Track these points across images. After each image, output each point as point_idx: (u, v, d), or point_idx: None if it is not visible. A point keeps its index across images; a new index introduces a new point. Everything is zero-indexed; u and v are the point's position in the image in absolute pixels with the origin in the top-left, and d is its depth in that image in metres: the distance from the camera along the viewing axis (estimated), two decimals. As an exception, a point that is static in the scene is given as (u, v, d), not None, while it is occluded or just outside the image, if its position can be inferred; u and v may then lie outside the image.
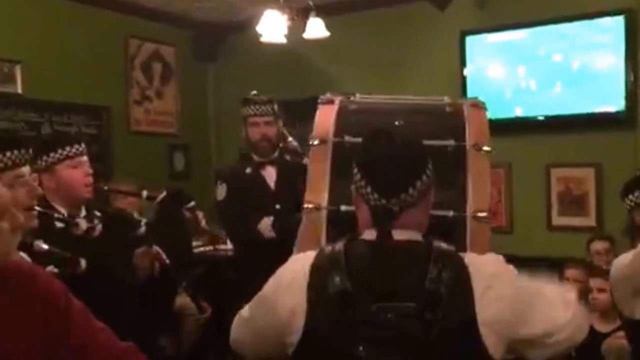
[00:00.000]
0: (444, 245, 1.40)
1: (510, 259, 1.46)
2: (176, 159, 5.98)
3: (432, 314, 1.30)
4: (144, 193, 2.69)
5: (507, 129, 4.68)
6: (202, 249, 4.57)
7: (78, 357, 1.28)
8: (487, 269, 1.39)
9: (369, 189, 1.40)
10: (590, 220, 4.59)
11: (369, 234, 1.42)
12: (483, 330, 1.32)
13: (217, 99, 6.26)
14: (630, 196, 2.35)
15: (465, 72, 4.91)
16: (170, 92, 5.96)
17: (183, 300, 4.10)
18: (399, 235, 1.39)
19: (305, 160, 2.34)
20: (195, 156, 6.09)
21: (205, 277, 4.56)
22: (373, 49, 5.32)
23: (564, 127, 4.61)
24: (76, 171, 2.25)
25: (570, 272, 3.80)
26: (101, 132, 5.27)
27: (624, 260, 2.25)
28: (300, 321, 1.36)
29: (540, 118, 4.68)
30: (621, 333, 2.96)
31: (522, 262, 1.55)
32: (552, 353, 1.47)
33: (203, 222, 2.87)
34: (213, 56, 6.21)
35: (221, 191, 3.35)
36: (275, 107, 3.43)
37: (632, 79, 4.36)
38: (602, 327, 3.34)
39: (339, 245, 1.42)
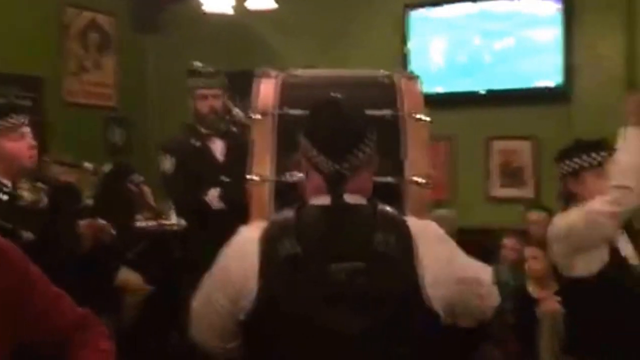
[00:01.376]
0: (388, 208, 1.51)
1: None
2: (115, 133, 5.93)
3: (379, 272, 1.41)
4: (86, 165, 2.69)
5: (449, 103, 4.87)
6: (146, 224, 4.58)
7: (40, 322, 1.32)
8: (428, 232, 1.52)
9: (320, 156, 1.47)
10: (528, 192, 4.83)
11: (320, 200, 1.49)
12: (426, 287, 1.43)
13: (158, 71, 6.20)
14: (563, 164, 2.50)
15: (408, 45, 5.04)
16: (109, 63, 5.87)
17: (125, 275, 4.11)
18: (348, 199, 1.47)
19: None
20: (135, 130, 6.04)
21: (149, 252, 4.57)
22: (318, 21, 5.38)
23: (503, 101, 4.81)
24: (19, 143, 2.26)
25: (508, 241, 4.02)
26: (36, 104, 5.17)
27: (561, 220, 2.40)
28: (252, 285, 1.42)
29: (482, 92, 4.87)
30: (556, 297, 3.16)
31: (463, 233, 1.68)
32: (481, 312, 1.62)
33: (149, 197, 2.90)
34: (154, 27, 6.13)
35: (167, 163, 3.38)
36: (223, 78, 3.47)
37: (569, 54, 4.58)
38: (537, 293, 3.57)
39: (289, 212, 1.50)
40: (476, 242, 3.98)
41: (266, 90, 1.94)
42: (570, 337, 2.54)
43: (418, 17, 5.04)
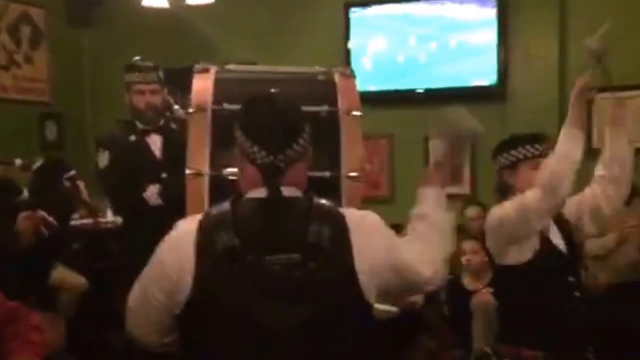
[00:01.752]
0: (323, 201, 1.55)
1: (393, 227, 1.62)
2: (48, 129, 5.78)
3: (315, 263, 1.43)
4: (17, 161, 2.63)
5: (389, 101, 4.96)
6: (81, 221, 4.48)
7: None
8: (364, 223, 1.55)
9: (255, 149, 1.49)
10: (465, 189, 4.95)
11: (256, 193, 1.51)
12: (361, 278, 1.47)
13: (94, 65, 6.07)
14: (500, 157, 2.58)
15: (349, 44, 5.10)
16: (42, 58, 5.72)
17: (60, 273, 4.02)
18: (284, 192, 1.50)
19: None
20: (69, 126, 5.90)
21: (85, 250, 4.49)
22: (257, 17, 5.38)
23: (441, 100, 4.91)
24: None
25: (445, 237, 4.12)
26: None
27: (496, 211, 2.48)
28: (188, 278, 1.43)
29: (420, 91, 4.97)
30: (489, 289, 3.27)
31: (403, 229, 1.73)
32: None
33: (84, 193, 2.84)
34: (89, 21, 6.00)
35: (103, 159, 3.32)
36: (161, 74, 3.44)
37: (503, 55, 4.73)
38: (472, 286, 3.68)
39: (225, 205, 1.51)
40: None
41: (202, 85, 1.96)
42: (503, 326, 2.61)
43: (358, 15, 5.11)
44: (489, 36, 4.76)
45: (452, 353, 3.59)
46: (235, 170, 1.62)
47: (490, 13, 4.75)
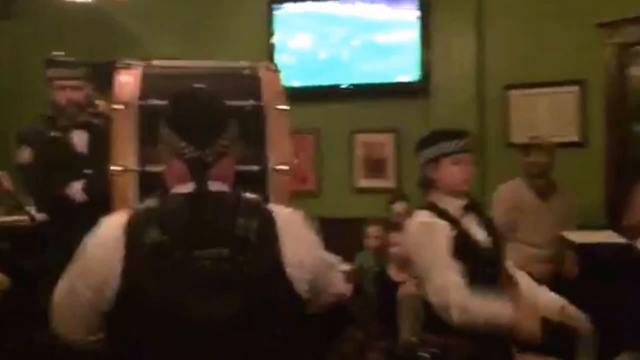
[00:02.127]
0: (251, 195, 1.56)
1: (319, 221, 1.67)
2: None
3: (243, 257, 1.44)
4: None
5: (315, 96, 5.02)
6: (3, 219, 4.32)
7: None
8: (291, 219, 1.58)
9: (182, 143, 1.49)
10: (390, 182, 5.08)
11: (183, 188, 1.51)
12: (289, 271, 1.49)
13: (12, 60, 5.84)
14: (423, 152, 2.64)
15: (273, 39, 5.12)
16: (-45, 52, 5.47)
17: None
18: (211, 186, 1.50)
19: None
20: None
21: (7, 248, 4.33)
22: (182, 12, 5.33)
23: (366, 95, 5.03)
24: None
25: (371, 230, 4.23)
26: None
27: (413, 221, 2.54)
28: (116, 274, 1.42)
29: (345, 87, 5.05)
30: (414, 280, 3.35)
31: (330, 223, 1.77)
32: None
33: (8, 183, 2.76)
34: (6, 14, 5.77)
35: (24, 154, 3.25)
36: (84, 69, 3.38)
37: (425, 52, 4.87)
38: (397, 277, 3.78)
39: (153, 201, 1.51)
40: (342, 231, 4.19)
41: (127, 81, 1.95)
42: (428, 316, 2.68)
43: (281, 12, 5.14)
44: (412, 34, 4.88)
45: (380, 344, 3.66)
46: (162, 165, 1.60)
47: (413, 12, 4.88)
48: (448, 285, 2.33)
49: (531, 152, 3.99)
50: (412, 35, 4.89)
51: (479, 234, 2.56)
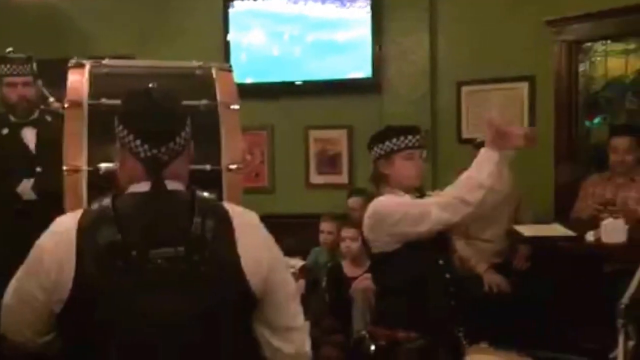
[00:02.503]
0: (206, 194, 1.57)
1: (272, 217, 1.68)
2: None
3: (199, 256, 1.45)
4: None
5: (268, 93, 5.01)
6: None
7: None
8: (246, 218, 1.58)
9: (137, 142, 1.49)
10: (344, 178, 5.12)
11: (138, 187, 1.51)
12: (246, 270, 1.50)
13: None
14: (376, 147, 2.68)
15: (228, 37, 5.09)
16: None
17: None
18: (167, 186, 1.50)
19: None
20: None
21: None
22: (137, 10, 5.24)
23: (320, 91, 5.04)
24: None
25: (325, 225, 4.24)
26: None
27: (378, 204, 2.57)
28: (69, 276, 1.40)
29: (298, 83, 5.05)
30: (367, 275, 3.39)
31: (284, 219, 1.78)
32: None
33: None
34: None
35: None
36: (34, 66, 3.35)
37: (377, 49, 4.92)
38: (351, 272, 3.81)
39: (106, 201, 1.49)
40: (296, 227, 4.20)
41: (78, 80, 1.94)
42: (379, 309, 2.72)
43: (237, 9, 5.11)
44: (364, 31, 4.92)
45: (334, 338, 3.69)
46: (114, 165, 1.60)
47: (365, 9, 4.91)
48: (429, 206, 2.44)
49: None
50: (364, 32, 4.92)
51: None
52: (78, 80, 1.93)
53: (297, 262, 4.15)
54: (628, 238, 3.27)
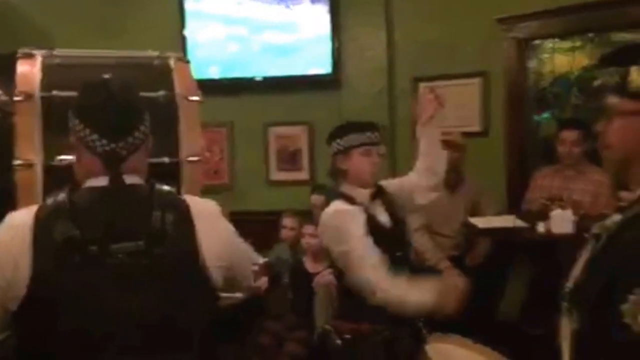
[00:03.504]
0: (165, 187, 1.54)
1: (233, 215, 1.66)
2: None
3: (160, 249, 1.43)
4: None
5: (227, 90, 4.97)
6: None
7: None
8: (207, 211, 1.57)
9: (95, 136, 1.45)
10: (304, 174, 5.11)
11: (95, 182, 1.48)
12: (207, 263, 1.49)
13: None
14: (334, 143, 2.68)
15: (185, 32, 5.03)
16: None
17: None
18: (125, 180, 1.48)
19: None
20: None
21: None
22: (93, 4, 5.15)
23: (279, 88, 5.02)
24: None
25: (287, 221, 4.23)
26: None
27: (328, 211, 2.57)
28: (24, 273, 1.37)
29: (258, 79, 5.02)
30: (329, 270, 3.39)
31: (245, 216, 1.75)
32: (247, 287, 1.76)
33: None
34: None
35: None
36: None
37: (336, 46, 4.92)
38: (313, 268, 3.80)
39: (62, 196, 1.46)
40: (257, 224, 4.17)
41: (28, 71, 1.87)
42: (342, 303, 2.72)
43: (194, 4, 5.04)
44: (323, 28, 4.92)
45: (297, 334, 3.68)
46: (70, 159, 1.57)
47: (324, 7, 4.91)
48: (369, 268, 2.38)
49: (444, 149, 4.11)
50: (323, 29, 4.92)
51: (385, 221, 2.63)
52: (28, 70, 1.86)
53: (259, 259, 4.11)
54: (576, 228, 3.34)
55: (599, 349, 1.17)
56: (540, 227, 3.49)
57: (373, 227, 2.51)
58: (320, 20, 4.92)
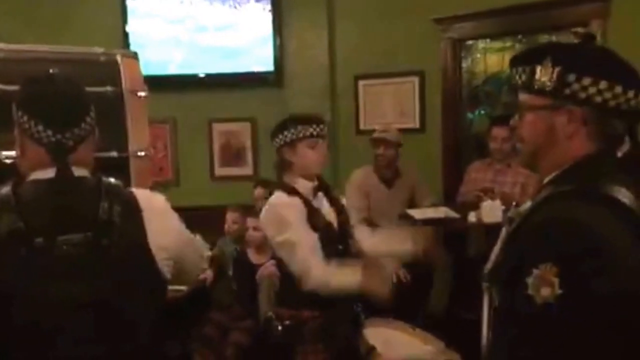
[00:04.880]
0: (112, 180, 1.54)
1: (178, 210, 1.65)
2: None
3: (108, 240, 1.43)
4: None
5: (171, 86, 4.95)
6: None
7: None
8: (155, 203, 1.58)
9: (40, 127, 1.45)
10: (248, 170, 5.16)
11: (41, 174, 1.47)
12: (156, 254, 1.50)
13: None
14: (280, 135, 2.71)
15: (128, 28, 5.00)
16: None
17: None
18: (73, 172, 1.47)
19: None
20: None
21: None
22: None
23: (223, 85, 5.05)
24: None
25: (231, 216, 4.27)
26: None
27: (270, 201, 2.63)
28: None
29: (202, 76, 5.04)
30: (272, 261, 3.45)
31: (190, 212, 1.78)
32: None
33: None
34: None
35: None
36: None
37: (279, 44, 5.00)
38: (256, 260, 3.86)
39: (6, 189, 1.45)
40: (202, 219, 4.19)
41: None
42: (284, 291, 2.78)
43: (136, 1, 5.01)
44: (266, 26, 4.98)
45: (243, 324, 3.72)
46: (12, 152, 1.55)
47: (266, 5, 4.97)
48: (305, 254, 2.46)
49: (380, 146, 4.24)
50: (266, 28, 4.98)
51: (328, 213, 2.71)
52: None
53: (206, 251, 4.15)
54: (505, 218, 3.50)
55: (510, 321, 1.27)
56: (472, 217, 3.67)
57: (317, 221, 2.59)
58: (263, 19, 4.98)
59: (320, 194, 2.70)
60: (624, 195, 1.26)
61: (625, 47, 1.38)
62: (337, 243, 2.68)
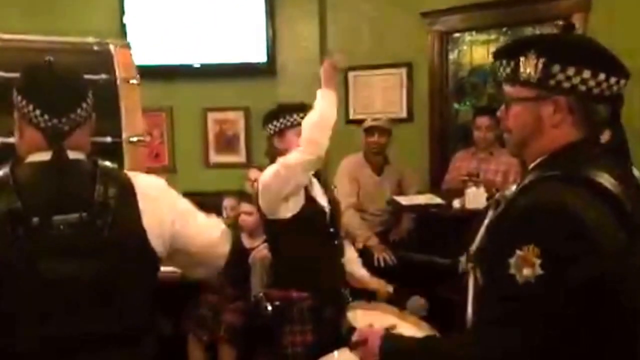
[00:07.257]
0: (108, 163, 1.55)
1: None
2: None
3: (103, 221, 1.43)
4: None
5: (167, 75, 4.93)
6: None
7: None
8: (150, 186, 1.57)
9: (37, 112, 1.45)
10: (241, 157, 5.15)
11: (38, 156, 1.48)
12: (150, 237, 1.50)
13: None
14: (270, 124, 2.72)
15: (125, 18, 4.94)
16: None
17: None
18: (68, 154, 1.47)
19: None
20: None
21: None
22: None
23: (217, 74, 5.02)
24: None
25: (227, 202, 4.25)
26: None
27: (266, 172, 2.61)
28: None
29: (197, 66, 5.00)
30: (265, 245, 3.45)
31: (185, 197, 1.77)
32: (207, 268, 1.78)
33: None
34: None
35: None
36: None
37: (271, 34, 4.96)
38: (249, 244, 3.85)
39: (5, 170, 1.46)
40: (197, 204, 4.18)
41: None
42: (276, 273, 2.79)
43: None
44: (259, 18, 4.93)
45: (234, 305, 3.73)
46: (11, 141, 1.56)
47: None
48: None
49: (372, 134, 4.23)
50: (259, 18, 4.94)
51: (323, 201, 2.71)
52: None
53: (220, 225, 4.11)
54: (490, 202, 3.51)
55: (494, 301, 1.27)
56: (456, 204, 3.67)
57: (310, 205, 2.59)
58: (256, 10, 4.94)
59: (314, 180, 2.70)
60: (607, 180, 1.26)
61: (605, 39, 1.37)
62: (329, 226, 2.69)
